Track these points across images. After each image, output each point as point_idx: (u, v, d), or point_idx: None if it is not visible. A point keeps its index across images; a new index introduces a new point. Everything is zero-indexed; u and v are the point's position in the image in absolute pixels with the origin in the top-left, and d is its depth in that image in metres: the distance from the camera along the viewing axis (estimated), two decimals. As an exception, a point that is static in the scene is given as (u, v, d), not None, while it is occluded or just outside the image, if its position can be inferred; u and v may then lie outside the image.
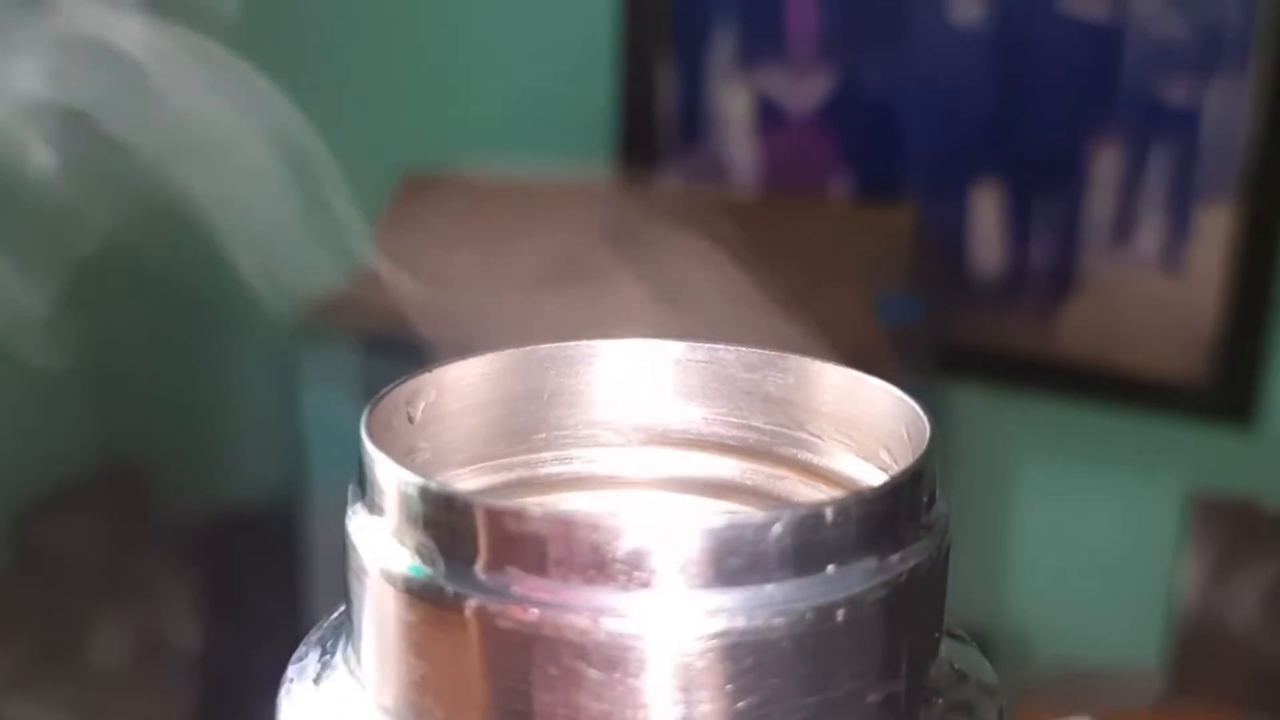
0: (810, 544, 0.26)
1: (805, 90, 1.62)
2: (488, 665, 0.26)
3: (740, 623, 0.26)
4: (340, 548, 0.29)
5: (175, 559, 1.85)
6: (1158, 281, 1.53)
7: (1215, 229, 1.50)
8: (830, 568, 0.26)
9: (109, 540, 1.84)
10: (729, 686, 0.26)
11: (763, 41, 1.63)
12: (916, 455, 0.28)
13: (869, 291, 1.41)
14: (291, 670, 0.31)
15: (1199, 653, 1.46)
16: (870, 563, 0.27)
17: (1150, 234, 1.53)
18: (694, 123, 1.65)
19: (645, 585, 0.25)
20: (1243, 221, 1.49)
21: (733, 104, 1.64)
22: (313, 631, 0.31)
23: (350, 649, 0.29)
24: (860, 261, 1.48)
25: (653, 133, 1.67)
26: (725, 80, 1.64)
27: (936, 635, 0.29)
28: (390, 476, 0.28)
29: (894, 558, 0.27)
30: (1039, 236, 1.57)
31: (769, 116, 1.63)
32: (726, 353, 0.34)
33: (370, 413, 0.30)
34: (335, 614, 0.31)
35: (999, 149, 1.57)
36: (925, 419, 0.29)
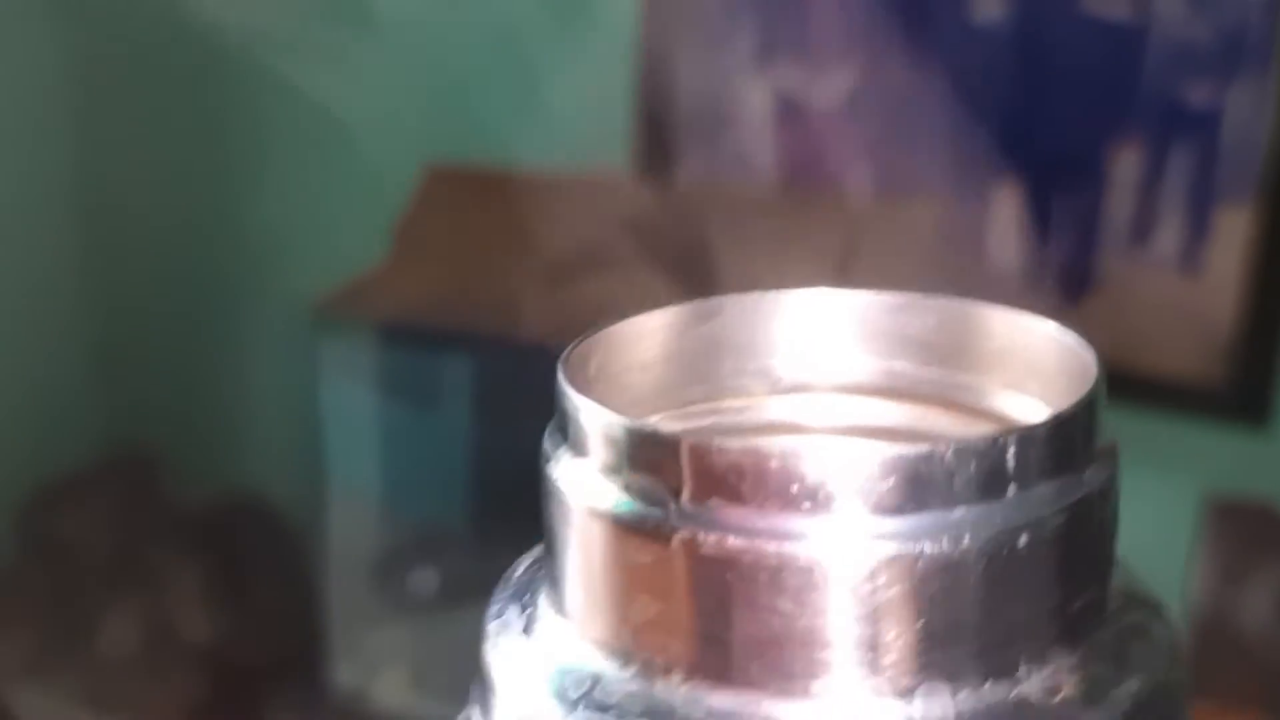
0: (992, 470, 0.27)
1: (825, 87, 1.62)
2: (692, 592, 0.28)
3: (923, 547, 0.27)
4: (354, 537, 0.30)
5: (185, 548, 1.86)
6: (1175, 283, 1.53)
7: (1234, 231, 1.49)
8: (1011, 492, 0.28)
9: (118, 529, 1.85)
10: (911, 608, 0.27)
11: (783, 37, 1.62)
12: (1087, 386, 0.29)
13: (889, 285, 1.41)
14: (493, 620, 0.32)
15: (1211, 654, 1.45)
16: (1049, 488, 0.28)
17: (1169, 235, 1.52)
18: (713, 117, 1.65)
19: (835, 511, 0.27)
20: (1262, 224, 1.48)
21: (752, 99, 1.63)
22: (502, 585, 0.33)
23: (553, 591, 0.31)
24: (880, 256, 1.48)
25: (672, 127, 1.66)
26: (745, 75, 1.63)
27: (1110, 561, 0.30)
28: (596, 419, 0.29)
29: (1072, 483, 0.28)
30: (1057, 236, 1.56)
31: (789, 112, 1.63)
32: (882, 297, 0.35)
33: (566, 360, 0.31)
34: (525, 564, 0.33)
35: (1019, 148, 1.57)
36: (1090, 352, 0.31)
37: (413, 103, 1.68)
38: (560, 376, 0.30)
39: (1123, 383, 1.56)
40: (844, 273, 1.37)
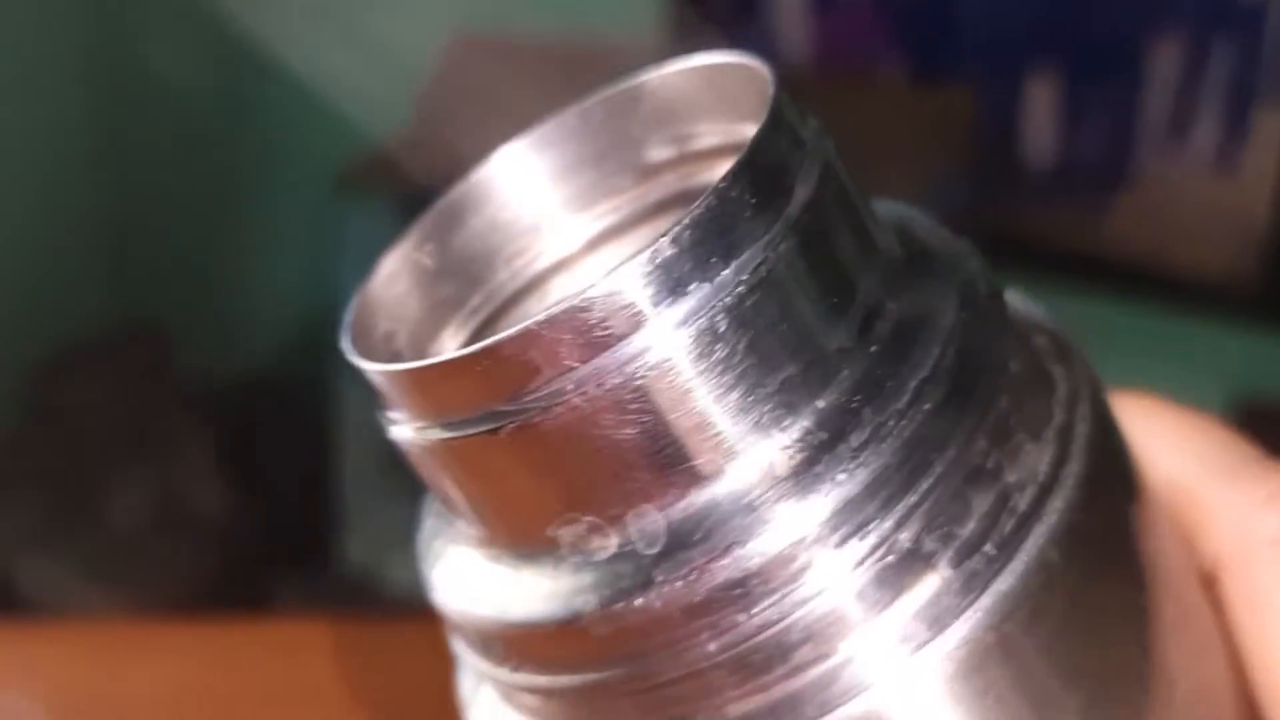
0: (703, 247, 0.27)
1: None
2: (540, 472, 0.28)
3: (695, 320, 0.27)
4: (368, 415, 0.31)
5: (197, 423, 1.85)
6: (1211, 182, 1.51)
7: (1273, 131, 1.47)
8: (734, 257, 0.27)
9: (130, 401, 1.84)
10: (712, 377, 0.27)
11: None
12: (769, 109, 0.29)
13: (921, 174, 1.39)
14: (419, 548, 0.34)
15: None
16: (760, 227, 0.28)
17: (1207, 133, 1.50)
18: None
19: (605, 345, 0.27)
20: (1302, 126, 1.46)
21: (786, -19, 1.61)
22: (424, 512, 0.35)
23: (441, 515, 0.33)
24: (913, 144, 1.46)
25: (704, 8, 1.64)
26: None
27: (857, 269, 0.29)
28: (377, 376, 0.30)
29: (787, 210, 0.28)
30: (1094, 129, 1.54)
31: (822, -5, 1.60)
32: (581, 113, 0.36)
33: (353, 318, 0.32)
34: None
35: (1058, 37, 1.54)
36: (764, 67, 0.31)
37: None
38: (346, 345, 0.31)
39: (1154, 281, 1.55)
40: (876, 158, 1.35)
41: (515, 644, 0.29)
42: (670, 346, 0.27)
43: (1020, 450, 0.29)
